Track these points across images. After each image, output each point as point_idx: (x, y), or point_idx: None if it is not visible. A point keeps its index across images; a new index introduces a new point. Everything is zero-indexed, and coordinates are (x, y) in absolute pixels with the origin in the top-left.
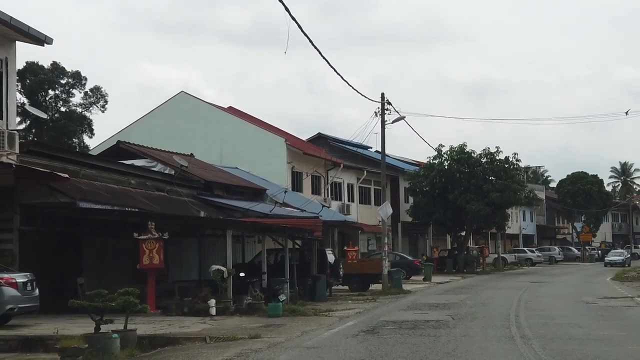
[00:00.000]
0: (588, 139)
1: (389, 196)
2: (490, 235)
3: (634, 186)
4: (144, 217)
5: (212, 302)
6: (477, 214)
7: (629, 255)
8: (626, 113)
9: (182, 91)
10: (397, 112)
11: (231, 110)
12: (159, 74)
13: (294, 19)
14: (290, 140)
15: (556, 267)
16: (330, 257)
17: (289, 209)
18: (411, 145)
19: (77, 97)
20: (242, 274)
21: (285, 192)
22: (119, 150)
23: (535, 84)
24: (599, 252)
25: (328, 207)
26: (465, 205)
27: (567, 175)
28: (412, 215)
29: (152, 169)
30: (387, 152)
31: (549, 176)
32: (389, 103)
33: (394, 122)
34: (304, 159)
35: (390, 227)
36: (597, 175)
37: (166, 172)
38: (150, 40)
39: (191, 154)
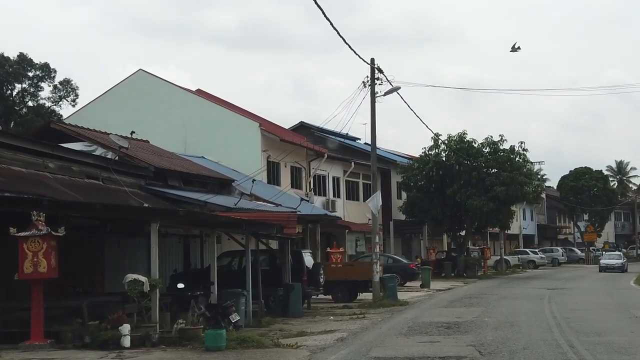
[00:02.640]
0: (576, 139)
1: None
2: (490, 236)
3: (630, 185)
4: (27, 205)
5: (126, 328)
6: (479, 210)
7: (625, 259)
8: (514, 49)
9: (140, 69)
10: (389, 82)
11: (199, 92)
12: None
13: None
14: (266, 126)
15: (562, 270)
16: (309, 260)
17: (261, 202)
18: (403, 145)
19: (46, 91)
20: (180, 285)
21: (254, 181)
22: (50, 131)
23: (523, 85)
24: (604, 253)
25: (307, 201)
26: (465, 200)
27: (570, 171)
28: (406, 213)
29: (93, 153)
30: (377, 146)
31: (545, 174)
32: (380, 71)
33: (386, 94)
34: (282, 147)
35: (382, 225)
36: (601, 170)
37: (109, 157)
38: (137, 42)
39: (132, 133)
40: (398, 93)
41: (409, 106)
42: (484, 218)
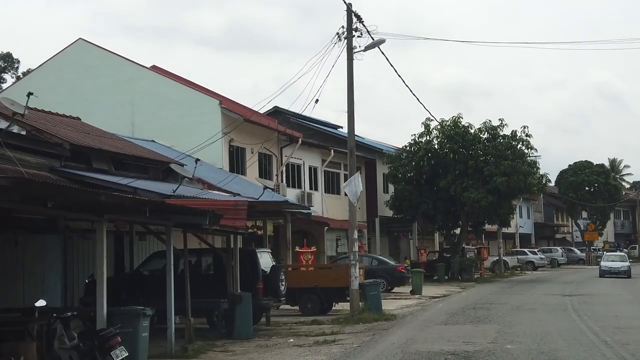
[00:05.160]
0: (564, 140)
1: (363, 183)
2: (485, 235)
3: (624, 183)
4: None
5: None
6: (477, 204)
7: (630, 260)
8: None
9: (80, 38)
10: (370, 35)
11: (154, 69)
12: None
13: None
14: (228, 105)
15: (564, 272)
16: (266, 262)
17: (215, 191)
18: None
19: (9, 83)
20: (40, 303)
21: (197, 161)
22: None
23: (512, 87)
24: (604, 253)
25: (273, 190)
26: (460, 193)
27: (569, 165)
28: (393, 208)
29: None
30: (362, 137)
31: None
32: (360, 19)
33: (367, 48)
34: (248, 130)
35: (366, 223)
36: (603, 164)
37: (14, 131)
38: (123, 44)
39: (29, 95)
40: (380, 49)
41: (393, 68)
42: (481, 213)
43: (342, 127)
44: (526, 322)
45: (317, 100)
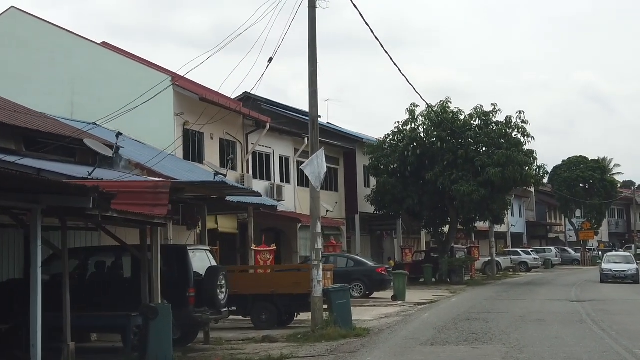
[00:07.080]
0: (551, 141)
1: (341, 176)
2: (476, 233)
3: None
4: None
5: None
6: (468, 198)
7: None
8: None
9: (13, 7)
10: None
11: (105, 45)
12: None
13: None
14: (182, 82)
15: (561, 273)
16: (201, 265)
17: (155, 178)
18: None
19: None
20: None
21: (119, 135)
22: None
23: (498, 88)
24: (600, 253)
25: (225, 177)
26: (449, 187)
27: (563, 161)
28: (375, 203)
29: None
30: (340, 127)
31: None
32: None
33: None
34: (207, 112)
35: (344, 220)
36: (598, 159)
37: None
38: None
39: None
40: (355, 5)
41: (365, 22)
42: (473, 208)
43: (320, 116)
44: (539, 340)
45: (270, 59)
